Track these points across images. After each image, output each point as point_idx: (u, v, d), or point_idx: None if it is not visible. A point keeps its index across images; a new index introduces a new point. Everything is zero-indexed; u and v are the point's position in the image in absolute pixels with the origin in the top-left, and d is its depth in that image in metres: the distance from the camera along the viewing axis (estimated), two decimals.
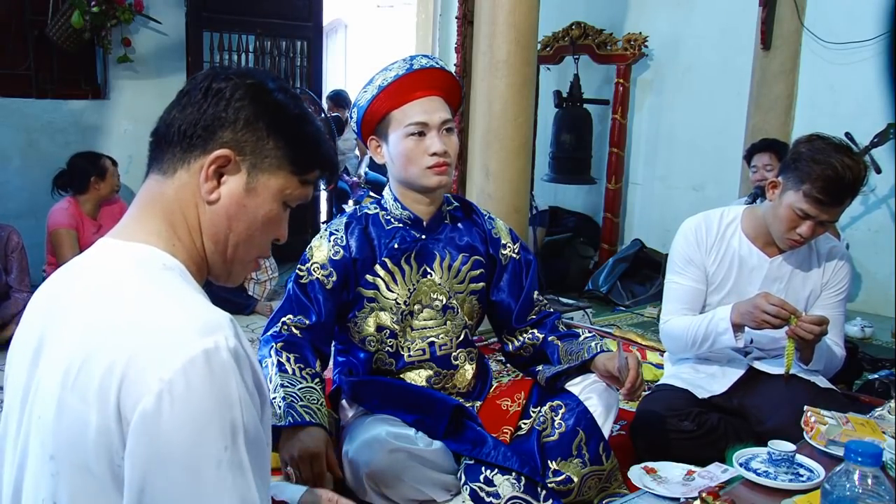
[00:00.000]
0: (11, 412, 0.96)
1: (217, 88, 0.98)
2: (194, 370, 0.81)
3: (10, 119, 4.29)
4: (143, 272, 0.92)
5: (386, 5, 9.81)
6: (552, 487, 1.79)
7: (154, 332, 0.84)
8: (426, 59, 1.90)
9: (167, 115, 1.00)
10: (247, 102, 0.98)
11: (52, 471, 0.87)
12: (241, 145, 0.98)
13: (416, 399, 1.88)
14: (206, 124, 0.97)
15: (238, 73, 1.00)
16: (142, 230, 0.97)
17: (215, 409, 0.82)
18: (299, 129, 1.02)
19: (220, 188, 0.98)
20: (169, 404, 0.80)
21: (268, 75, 1.03)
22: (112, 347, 0.84)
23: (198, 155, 0.97)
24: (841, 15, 4.39)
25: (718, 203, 2.65)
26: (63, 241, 3.66)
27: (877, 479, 1.08)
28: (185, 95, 1.00)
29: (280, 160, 1.00)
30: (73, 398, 0.85)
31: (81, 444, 0.84)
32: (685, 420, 2.09)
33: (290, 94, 1.03)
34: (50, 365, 0.89)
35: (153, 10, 4.59)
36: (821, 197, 1.94)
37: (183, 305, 0.88)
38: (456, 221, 2.00)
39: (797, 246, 2.08)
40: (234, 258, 1.03)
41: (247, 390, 0.85)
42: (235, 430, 0.83)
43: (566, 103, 5.23)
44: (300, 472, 1.62)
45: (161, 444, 0.80)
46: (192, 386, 0.81)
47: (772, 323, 1.94)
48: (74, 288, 0.95)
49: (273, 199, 1.01)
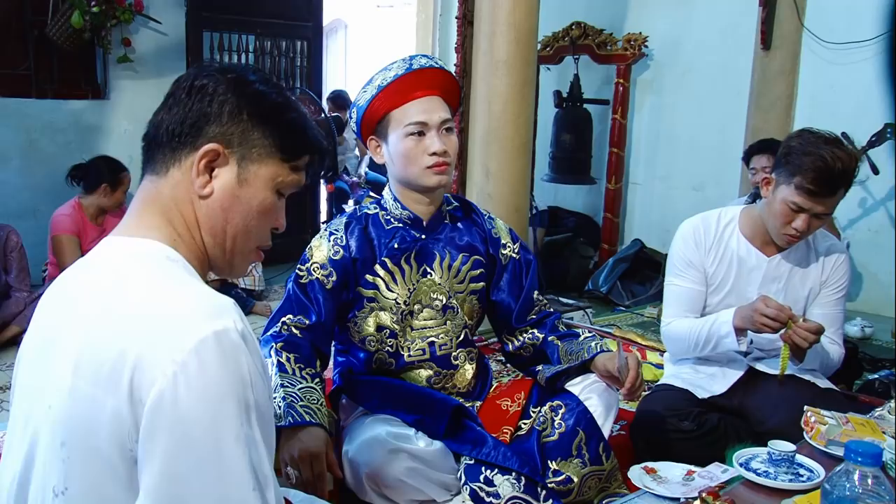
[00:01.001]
0: (20, 408, 0.98)
1: (200, 85, 1.00)
2: (206, 350, 0.83)
3: (10, 119, 4.29)
4: (147, 263, 0.95)
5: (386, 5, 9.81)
6: (552, 487, 1.79)
7: (164, 318, 0.86)
8: (425, 59, 1.90)
9: (155, 118, 1.02)
10: (229, 96, 0.99)
11: (63, 456, 0.88)
12: (229, 138, 0.99)
13: (416, 399, 1.88)
14: (193, 121, 0.99)
15: (219, 69, 1.02)
16: (143, 226, 1.00)
17: (229, 386, 0.84)
18: (283, 116, 1.03)
19: (213, 182, 1.00)
20: (185, 384, 0.82)
21: (248, 68, 1.05)
22: (123, 335, 0.86)
23: (188, 152, 0.99)
24: (841, 15, 4.39)
25: (719, 203, 2.65)
26: (65, 247, 3.67)
27: (877, 479, 1.08)
28: (171, 96, 1.02)
29: (268, 148, 1.02)
30: (86, 385, 0.86)
31: (93, 429, 0.86)
32: (685, 420, 2.09)
33: (271, 84, 1.04)
34: (60, 357, 0.91)
35: (153, 10, 4.59)
36: (812, 188, 1.94)
37: (189, 292, 0.91)
38: (456, 221, 2.00)
39: (794, 241, 2.08)
40: (233, 250, 1.05)
41: (257, 369, 0.88)
42: (249, 407, 0.85)
43: (566, 103, 5.23)
44: (300, 472, 1.62)
45: (180, 423, 0.82)
46: (206, 365, 0.83)
47: (770, 326, 1.94)
48: (81, 283, 0.97)
49: (265, 188, 1.03)
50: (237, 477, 0.84)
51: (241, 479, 0.84)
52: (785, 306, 1.95)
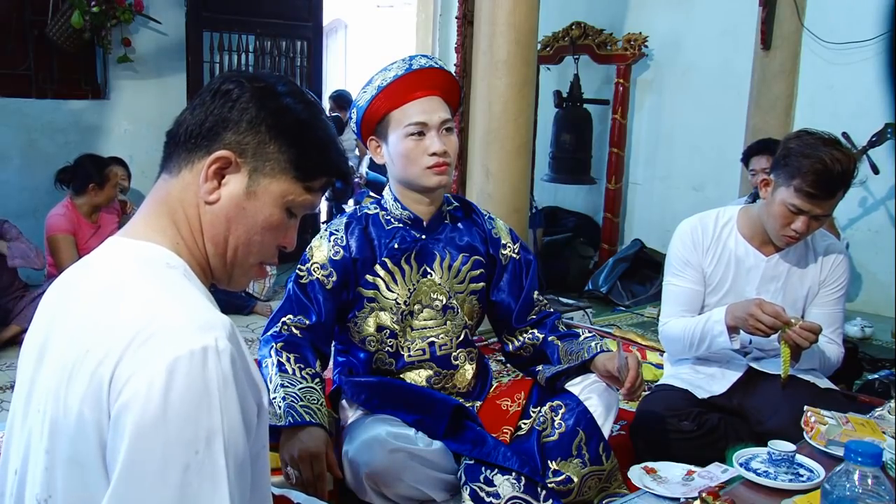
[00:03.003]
0: (17, 409, 0.98)
1: (225, 90, 0.98)
2: (177, 371, 0.81)
3: (10, 119, 4.30)
4: (145, 270, 0.93)
5: (386, 5, 9.81)
6: (552, 487, 1.79)
7: (146, 331, 0.84)
8: (425, 59, 1.90)
9: (181, 116, 1.01)
10: (252, 105, 0.97)
11: (47, 464, 0.88)
12: (244, 147, 0.97)
13: (416, 399, 1.88)
14: (211, 125, 0.97)
15: (249, 77, 1.00)
16: (148, 228, 0.99)
17: (191, 411, 0.81)
18: (305, 134, 1.00)
19: (221, 189, 0.98)
20: (144, 405, 0.80)
21: (280, 79, 1.02)
22: (105, 344, 0.85)
23: (201, 155, 0.98)
24: (841, 15, 4.39)
25: (719, 203, 2.65)
26: (60, 246, 3.67)
27: (877, 479, 1.08)
28: (199, 97, 1.00)
29: (282, 164, 0.99)
30: (70, 393, 0.86)
31: (75, 438, 0.85)
32: (685, 420, 2.09)
33: (301, 100, 1.01)
34: (51, 361, 0.91)
35: (153, 10, 4.59)
36: (812, 191, 1.94)
37: (179, 304, 0.88)
38: (456, 221, 2.00)
39: (793, 242, 2.07)
40: (233, 262, 1.02)
41: (236, 394, 0.84)
42: (211, 435, 0.81)
43: (566, 103, 5.23)
44: (300, 472, 1.62)
45: (137, 441, 0.80)
46: (172, 388, 0.80)
47: (765, 332, 1.94)
48: (79, 286, 0.96)
49: (273, 204, 1.00)
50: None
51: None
52: (781, 313, 1.93)
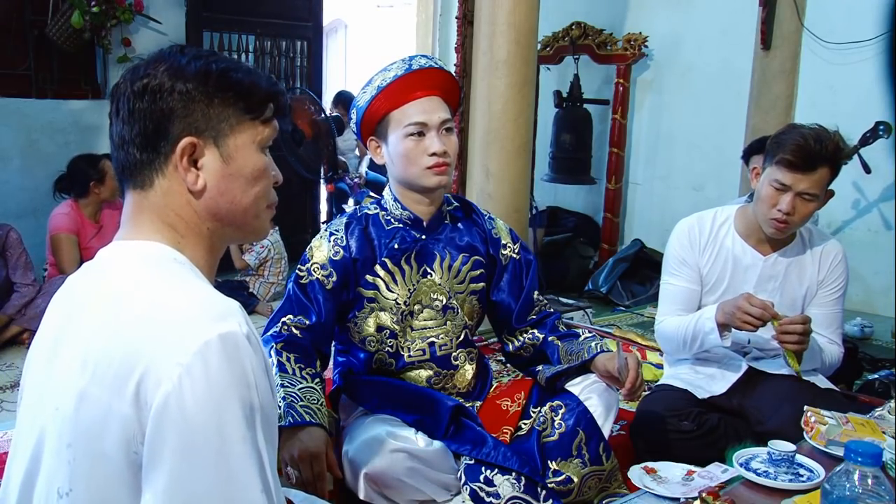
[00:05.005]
0: (27, 408, 0.99)
1: (141, 88, 0.96)
2: (211, 352, 0.84)
3: (10, 119, 4.29)
4: (154, 265, 0.95)
5: (386, 5, 9.81)
6: (552, 487, 1.79)
7: (169, 321, 0.87)
8: (425, 59, 1.90)
9: (116, 140, 0.99)
10: (175, 84, 0.97)
11: (69, 458, 0.89)
12: (195, 125, 0.97)
13: (416, 399, 1.88)
14: (155, 126, 0.96)
15: (149, 64, 0.99)
16: (145, 231, 0.99)
17: (234, 388, 0.84)
18: (231, 77, 1.00)
19: (201, 173, 0.99)
20: (189, 387, 0.82)
21: (175, 50, 1.01)
22: (129, 338, 0.86)
23: (167, 155, 0.97)
24: (841, 15, 4.39)
25: (718, 203, 2.65)
26: (63, 245, 3.66)
27: (877, 479, 1.08)
28: (117, 112, 0.99)
29: (235, 116, 1.00)
30: (94, 388, 0.87)
31: (100, 432, 0.86)
32: (685, 420, 2.09)
33: (202, 54, 1.01)
34: (67, 360, 0.92)
35: (153, 10, 4.59)
36: (792, 159, 1.96)
37: (196, 295, 0.91)
38: (456, 221, 2.00)
39: (782, 227, 2.05)
40: (244, 221, 1.04)
41: (265, 373, 0.88)
42: (253, 409, 0.86)
43: (566, 103, 5.23)
44: (300, 472, 1.62)
45: (186, 425, 0.83)
46: (210, 367, 0.83)
47: (753, 325, 1.94)
48: (88, 286, 0.98)
49: (251, 153, 1.02)
50: (245, 478, 0.84)
51: (249, 480, 0.85)
52: (768, 304, 1.94)
